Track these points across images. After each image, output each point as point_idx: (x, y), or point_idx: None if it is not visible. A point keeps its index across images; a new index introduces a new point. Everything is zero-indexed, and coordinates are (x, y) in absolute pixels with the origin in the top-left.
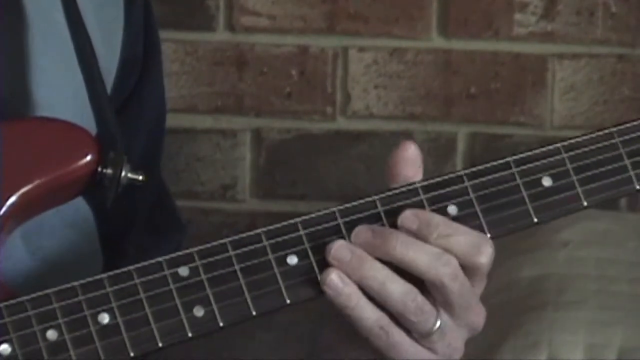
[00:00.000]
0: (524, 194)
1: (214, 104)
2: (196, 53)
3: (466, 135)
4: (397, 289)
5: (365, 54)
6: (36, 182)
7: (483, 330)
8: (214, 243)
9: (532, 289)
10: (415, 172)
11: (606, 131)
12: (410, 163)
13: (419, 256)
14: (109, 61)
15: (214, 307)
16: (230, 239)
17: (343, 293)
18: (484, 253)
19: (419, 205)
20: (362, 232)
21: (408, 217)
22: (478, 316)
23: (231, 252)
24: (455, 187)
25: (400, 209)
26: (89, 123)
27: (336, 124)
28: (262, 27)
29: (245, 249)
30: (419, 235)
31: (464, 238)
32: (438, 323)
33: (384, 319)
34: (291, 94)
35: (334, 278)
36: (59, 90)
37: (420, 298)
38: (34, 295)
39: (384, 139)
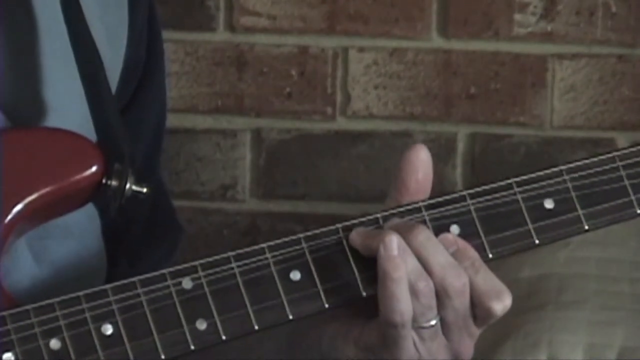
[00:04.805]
0: (526, 215)
1: (214, 104)
2: (196, 53)
3: (466, 135)
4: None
5: (365, 54)
6: (42, 191)
7: (483, 330)
8: (217, 256)
9: (532, 289)
10: (426, 175)
11: (608, 155)
12: (421, 166)
13: (436, 256)
14: (113, 63)
15: (217, 320)
16: (233, 252)
17: (395, 259)
18: (502, 302)
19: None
20: (394, 220)
21: (448, 239)
22: (466, 351)
23: (234, 266)
24: (458, 206)
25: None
26: (94, 128)
27: (336, 124)
28: (262, 27)
29: (248, 263)
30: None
31: (490, 280)
32: (434, 321)
33: (410, 311)
34: (291, 94)
35: (394, 239)
36: (66, 93)
37: (432, 285)
38: (38, 304)
39: (384, 139)
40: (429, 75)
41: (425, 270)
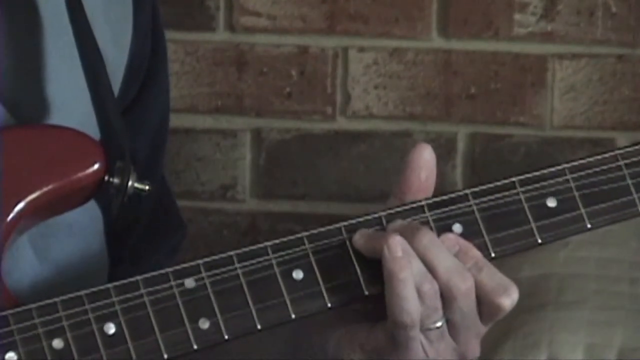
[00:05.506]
0: (528, 214)
1: (214, 104)
2: (196, 53)
3: (466, 135)
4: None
5: (365, 54)
6: (44, 189)
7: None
8: (220, 255)
9: (532, 289)
10: (429, 175)
11: (611, 154)
12: (425, 165)
13: (441, 259)
14: (117, 61)
15: (219, 319)
16: (236, 251)
17: (400, 259)
18: (510, 296)
19: (424, 223)
20: (397, 222)
21: (450, 239)
22: (472, 350)
23: (237, 266)
24: (460, 205)
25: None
26: (97, 125)
27: (336, 124)
28: (262, 27)
29: (251, 262)
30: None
31: (495, 276)
32: (440, 323)
33: (419, 311)
34: (291, 94)
35: (398, 241)
36: (69, 90)
37: (437, 287)
38: (40, 303)
39: (384, 139)
40: (429, 75)
41: (429, 272)
